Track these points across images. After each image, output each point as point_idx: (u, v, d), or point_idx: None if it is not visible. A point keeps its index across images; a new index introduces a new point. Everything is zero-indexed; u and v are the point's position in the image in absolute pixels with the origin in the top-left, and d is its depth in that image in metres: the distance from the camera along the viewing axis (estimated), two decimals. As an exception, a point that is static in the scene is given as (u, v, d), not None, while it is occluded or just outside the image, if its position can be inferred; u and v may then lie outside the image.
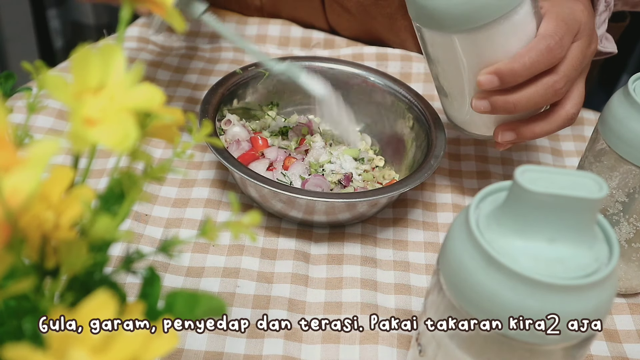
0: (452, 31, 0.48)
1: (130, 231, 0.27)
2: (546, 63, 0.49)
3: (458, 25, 0.47)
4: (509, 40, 0.48)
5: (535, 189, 0.31)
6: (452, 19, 0.47)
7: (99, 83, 0.24)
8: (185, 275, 0.52)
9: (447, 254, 0.35)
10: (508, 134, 0.53)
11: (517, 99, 0.50)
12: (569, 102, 0.52)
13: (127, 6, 0.28)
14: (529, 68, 0.48)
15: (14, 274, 0.24)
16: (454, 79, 0.53)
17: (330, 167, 0.60)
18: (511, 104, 0.50)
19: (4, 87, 0.36)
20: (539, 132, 0.53)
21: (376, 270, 0.54)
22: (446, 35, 0.48)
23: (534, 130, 0.53)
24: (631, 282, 0.53)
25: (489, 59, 0.49)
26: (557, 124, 0.53)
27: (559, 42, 0.48)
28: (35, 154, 0.21)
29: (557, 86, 0.50)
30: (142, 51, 0.76)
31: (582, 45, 0.51)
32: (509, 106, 0.50)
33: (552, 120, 0.53)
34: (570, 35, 0.50)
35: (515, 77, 0.49)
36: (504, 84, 0.49)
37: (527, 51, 0.48)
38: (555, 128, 0.53)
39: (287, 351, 0.47)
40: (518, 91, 0.50)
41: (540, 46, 0.48)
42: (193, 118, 0.30)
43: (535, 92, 0.50)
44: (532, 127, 0.53)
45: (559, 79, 0.50)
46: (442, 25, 0.48)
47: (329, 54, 0.78)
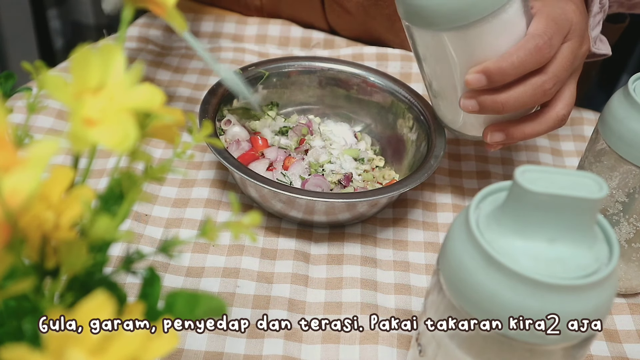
0: (441, 29, 0.48)
1: (130, 231, 0.27)
2: (535, 62, 0.48)
3: (447, 23, 0.47)
4: (498, 39, 0.48)
5: (535, 189, 0.31)
6: (441, 16, 0.47)
7: (99, 83, 0.24)
8: (185, 275, 0.52)
9: (447, 254, 0.35)
10: (497, 135, 0.53)
11: (505, 98, 0.49)
12: (559, 103, 0.52)
13: (128, 6, 0.28)
14: (517, 67, 0.48)
15: (14, 274, 0.24)
16: (443, 78, 0.52)
17: (330, 167, 0.60)
18: (499, 104, 0.50)
19: (4, 87, 0.36)
20: (529, 133, 0.53)
21: (376, 270, 0.54)
22: (435, 33, 0.48)
23: (524, 130, 0.52)
24: (631, 282, 0.53)
25: (478, 57, 0.49)
26: (548, 125, 0.52)
27: (548, 41, 0.48)
28: (35, 154, 0.21)
29: (546, 86, 0.49)
30: (142, 51, 0.76)
31: (573, 46, 0.51)
32: (497, 106, 0.50)
33: (543, 121, 0.52)
34: (561, 35, 0.50)
35: (504, 76, 0.48)
36: (492, 83, 0.49)
37: (516, 50, 0.48)
38: (546, 129, 0.53)
39: (287, 351, 0.47)
40: (506, 91, 0.49)
41: (529, 45, 0.48)
42: (193, 118, 0.30)
43: (524, 92, 0.49)
44: (522, 128, 0.52)
45: (548, 79, 0.49)
46: (431, 23, 0.48)
47: (329, 54, 0.78)
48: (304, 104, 0.68)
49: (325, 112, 0.68)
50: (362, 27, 0.80)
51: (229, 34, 0.81)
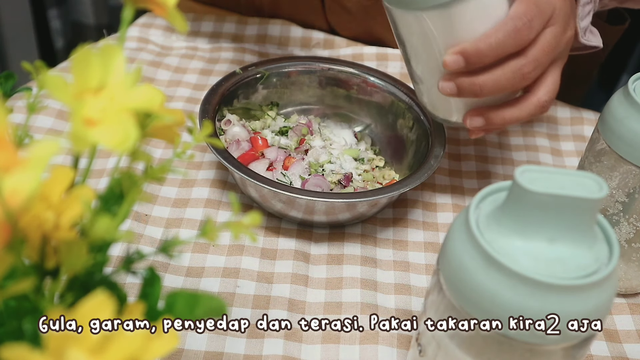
0: (421, 8, 0.47)
1: (130, 231, 0.27)
2: (514, 45, 0.47)
3: (427, 1, 0.46)
4: (478, 20, 0.47)
5: (535, 189, 0.31)
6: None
7: (99, 83, 0.24)
8: (185, 275, 0.52)
9: (447, 254, 0.35)
10: (477, 119, 0.52)
11: (483, 81, 0.49)
12: (541, 89, 0.51)
13: (129, 6, 0.28)
14: (495, 49, 0.47)
15: (14, 274, 0.24)
16: (423, 62, 0.52)
17: (330, 167, 0.60)
18: (477, 86, 0.49)
19: (4, 87, 0.36)
20: (508, 118, 0.51)
21: (376, 270, 0.54)
22: (415, 13, 0.48)
23: (503, 116, 0.51)
24: (631, 282, 0.53)
25: (458, 39, 0.48)
26: (528, 111, 0.51)
27: (527, 23, 0.47)
28: (36, 154, 0.21)
29: (525, 70, 0.48)
30: (142, 51, 0.76)
31: (555, 31, 0.50)
32: (475, 88, 0.49)
33: (523, 106, 0.51)
34: (542, 18, 0.49)
35: (481, 58, 0.47)
36: (470, 64, 0.48)
37: (494, 32, 0.47)
38: (526, 115, 0.51)
39: (287, 351, 0.47)
40: (485, 73, 0.49)
41: (507, 27, 0.47)
42: (193, 118, 0.30)
43: (502, 74, 0.48)
44: (501, 113, 0.51)
45: (527, 62, 0.48)
46: (410, 2, 0.47)
47: (329, 54, 0.78)
48: (304, 104, 0.68)
49: (325, 112, 0.68)
50: (363, 27, 0.80)
51: (229, 34, 0.81)
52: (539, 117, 0.73)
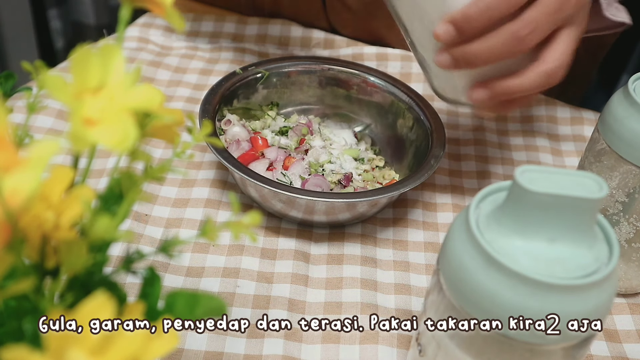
0: None
1: (130, 231, 0.27)
2: (505, 6, 0.44)
3: None
4: None
5: (535, 189, 0.31)
6: None
7: (99, 83, 0.24)
8: (185, 275, 0.52)
9: (447, 254, 0.35)
10: (480, 91, 0.49)
11: (477, 48, 0.46)
12: (549, 56, 0.47)
13: (126, 6, 0.28)
14: (485, 12, 0.44)
15: (14, 274, 0.24)
16: (424, 41, 0.50)
17: (330, 167, 0.60)
18: (471, 55, 0.46)
19: (4, 87, 0.36)
20: (513, 87, 0.48)
21: (376, 270, 0.54)
22: None
23: (507, 85, 0.48)
24: (631, 282, 0.53)
25: (449, 8, 0.46)
26: (534, 79, 0.47)
27: None
28: (35, 154, 0.21)
29: (521, 33, 0.45)
30: (142, 51, 0.76)
31: None
32: (469, 57, 0.46)
33: (530, 75, 0.47)
34: None
35: (471, 23, 0.45)
36: (462, 33, 0.46)
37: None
38: (532, 83, 0.47)
39: (287, 351, 0.47)
40: (478, 40, 0.46)
41: None
42: (193, 118, 0.30)
43: (497, 40, 0.45)
44: (505, 82, 0.48)
45: (523, 25, 0.45)
46: None
47: (329, 53, 0.78)
48: (304, 104, 0.68)
49: (325, 112, 0.68)
50: (363, 25, 0.79)
51: (229, 34, 0.81)
52: (539, 117, 0.73)
